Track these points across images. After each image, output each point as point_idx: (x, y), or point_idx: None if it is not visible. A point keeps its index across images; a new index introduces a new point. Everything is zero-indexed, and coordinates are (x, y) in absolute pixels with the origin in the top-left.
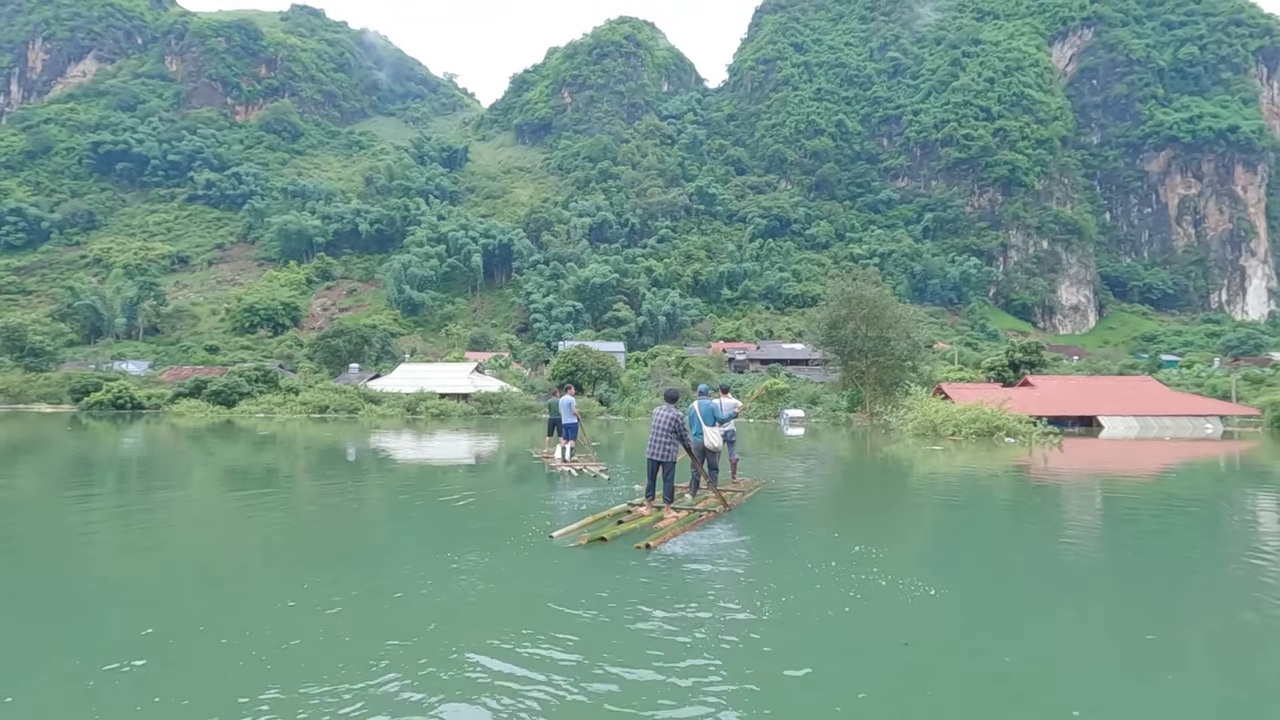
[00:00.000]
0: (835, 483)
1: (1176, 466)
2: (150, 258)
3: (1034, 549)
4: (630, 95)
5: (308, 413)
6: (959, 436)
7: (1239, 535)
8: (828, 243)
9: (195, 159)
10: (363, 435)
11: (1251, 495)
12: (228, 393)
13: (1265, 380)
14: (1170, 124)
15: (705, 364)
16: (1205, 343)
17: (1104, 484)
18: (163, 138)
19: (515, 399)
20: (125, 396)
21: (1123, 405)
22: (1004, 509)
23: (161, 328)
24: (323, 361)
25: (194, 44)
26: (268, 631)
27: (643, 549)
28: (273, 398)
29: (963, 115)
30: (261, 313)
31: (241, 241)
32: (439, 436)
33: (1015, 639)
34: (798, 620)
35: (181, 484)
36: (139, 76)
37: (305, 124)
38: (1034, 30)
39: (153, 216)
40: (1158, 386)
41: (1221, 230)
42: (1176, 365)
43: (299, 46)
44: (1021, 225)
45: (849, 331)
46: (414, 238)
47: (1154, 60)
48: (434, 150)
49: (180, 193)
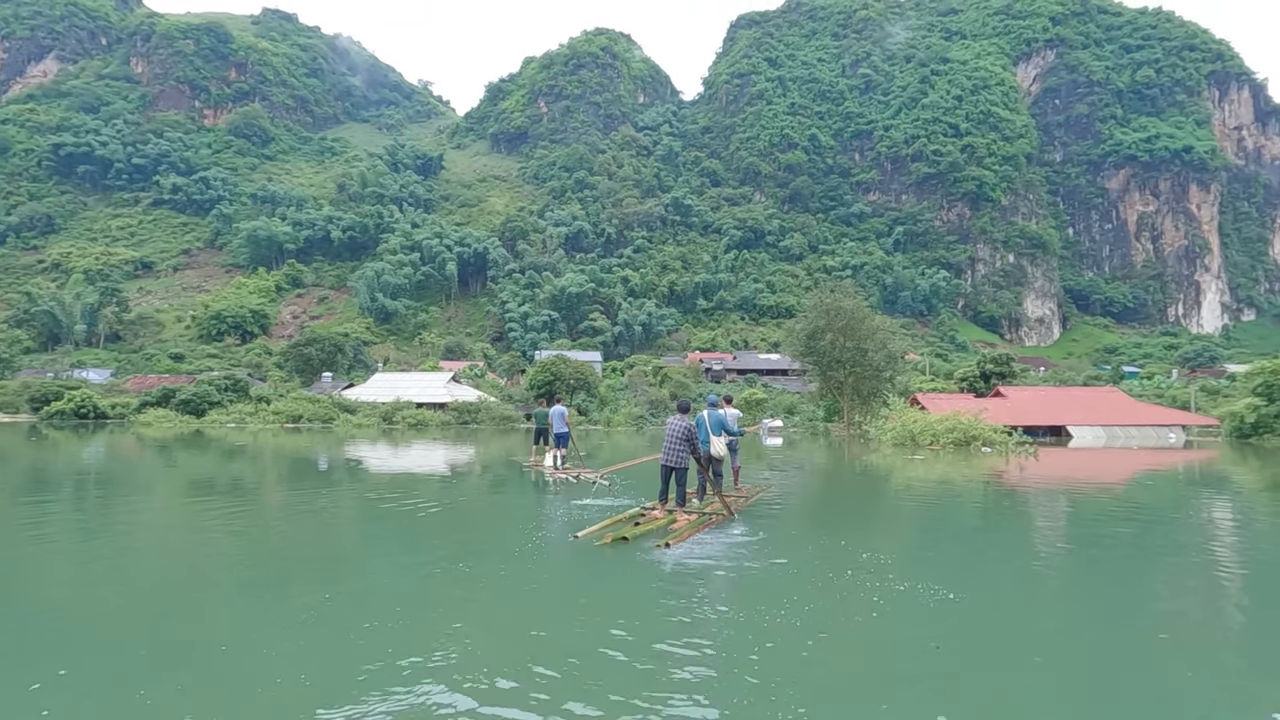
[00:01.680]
0: (828, 491)
1: (1152, 474)
2: (112, 263)
3: (1034, 554)
4: (606, 106)
5: (281, 423)
6: (937, 446)
7: (1224, 538)
8: (801, 254)
9: (161, 162)
10: (344, 446)
11: (1229, 501)
12: (197, 402)
13: (1221, 391)
14: (1129, 143)
15: (683, 374)
16: (1164, 355)
17: (1091, 491)
18: (127, 140)
19: (493, 409)
20: (88, 406)
21: (1090, 415)
22: (997, 516)
23: (124, 335)
24: (294, 370)
25: (161, 46)
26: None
27: (663, 547)
28: (244, 407)
29: (932, 131)
30: (229, 320)
31: (209, 247)
32: (421, 447)
33: (1038, 640)
34: (830, 626)
35: (162, 496)
36: (103, 78)
37: (276, 129)
38: (1000, 50)
39: (115, 221)
40: (1122, 397)
41: (1178, 246)
42: (1137, 376)
43: (270, 51)
44: (989, 239)
45: (827, 342)
46: (387, 245)
47: (1113, 82)
48: (408, 157)
49: (145, 197)
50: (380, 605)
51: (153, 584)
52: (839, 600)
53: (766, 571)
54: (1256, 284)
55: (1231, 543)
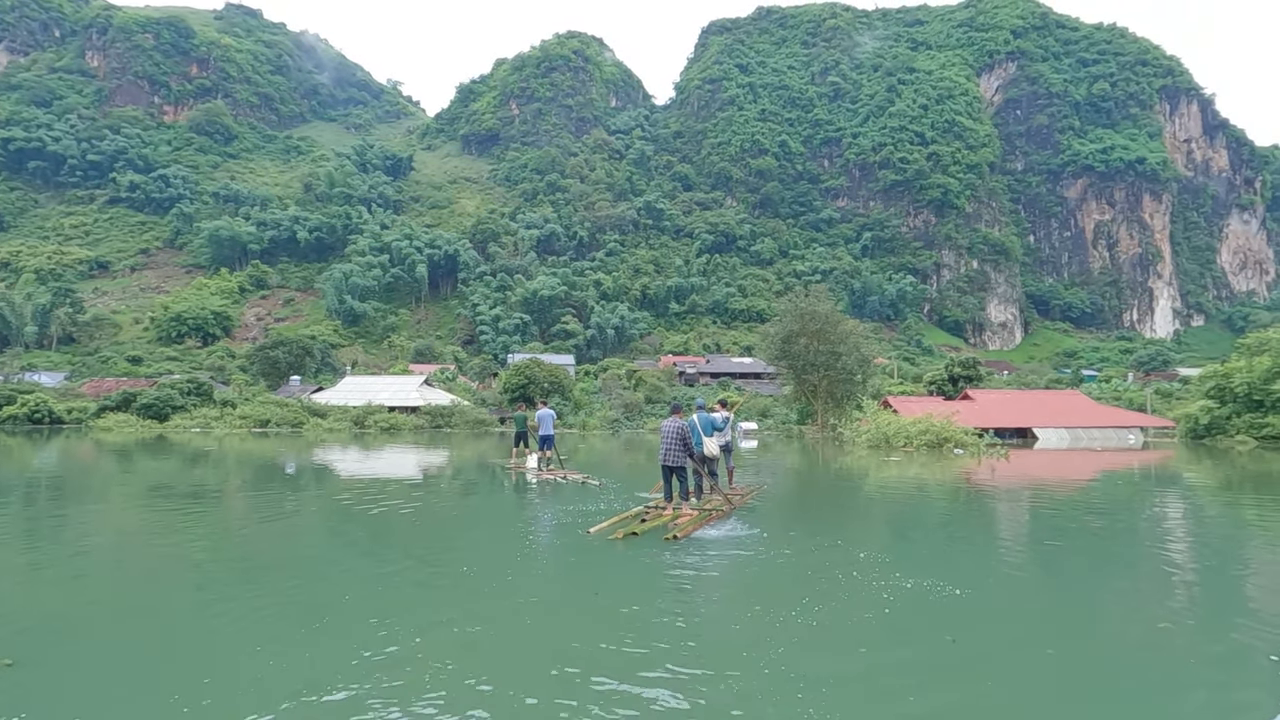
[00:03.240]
0: (817, 493)
1: (1119, 475)
2: (65, 262)
3: (1030, 551)
4: (578, 109)
5: (248, 427)
6: (911, 448)
7: (1204, 534)
8: (772, 259)
9: (118, 159)
10: (318, 451)
11: (1198, 499)
12: (159, 406)
13: (1175, 394)
14: (1086, 154)
15: (656, 377)
16: (1120, 359)
17: (1068, 491)
18: (82, 136)
19: (467, 412)
20: (43, 410)
21: (1054, 417)
22: (987, 516)
23: (78, 337)
24: (259, 374)
25: (118, 39)
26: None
27: (671, 540)
28: (209, 411)
29: (899, 139)
30: (190, 322)
31: (168, 247)
32: (399, 451)
33: (1048, 632)
34: (847, 623)
35: (119, 502)
36: (56, 71)
37: (239, 127)
38: (964, 61)
39: (69, 219)
40: (1084, 400)
41: (1132, 254)
42: (1095, 379)
43: (234, 47)
44: (953, 245)
45: (801, 346)
46: (356, 247)
47: (1071, 94)
48: (377, 158)
49: (101, 195)
50: (393, 611)
51: (115, 591)
52: (851, 598)
53: (779, 573)
54: (1205, 291)
55: (1215, 539)
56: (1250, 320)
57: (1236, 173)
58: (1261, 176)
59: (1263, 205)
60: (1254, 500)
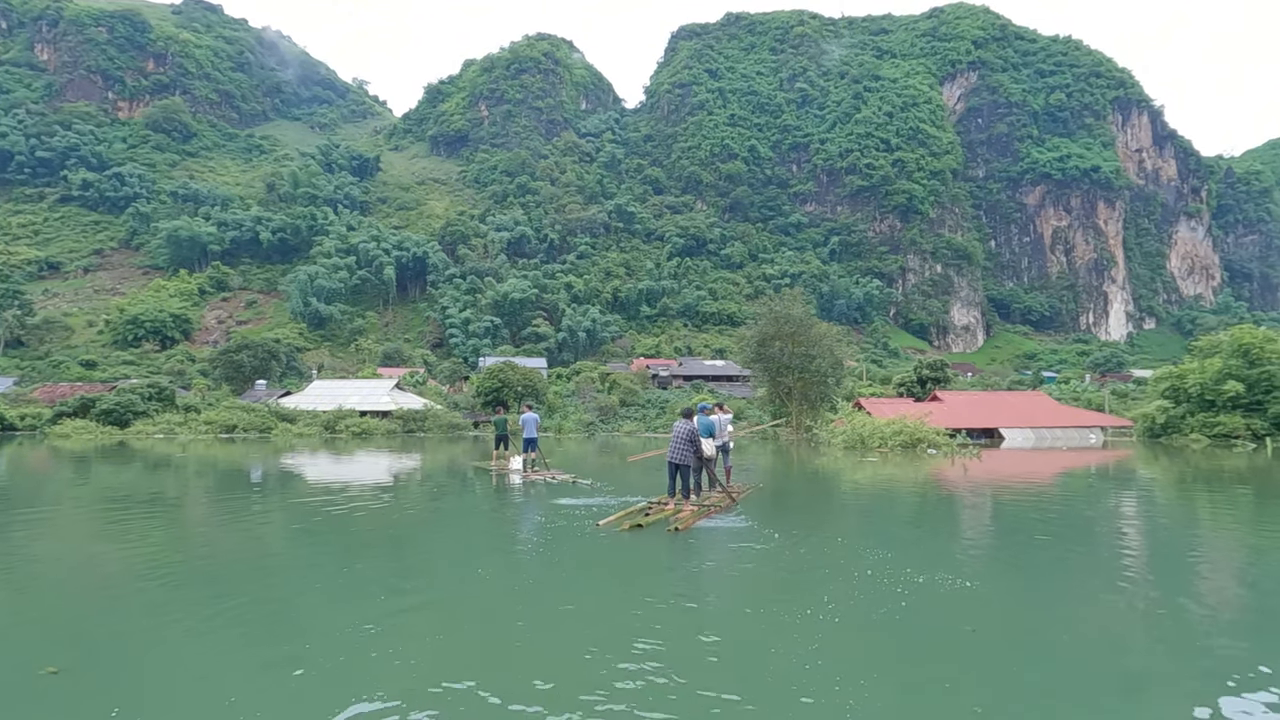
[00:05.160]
0: (805, 494)
1: (1088, 472)
2: (13, 263)
3: (1026, 543)
4: (549, 112)
5: (214, 433)
6: (886, 449)
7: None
8: (742, 263)
9: (70, 156)
10: (295, 456)
11: (1167, 497)
12: (120, 412)
13: (1130, 395)
14: (1044, 162)
15: (630, 380)
16: (1077, 360)
17: (1040, 488)
18: (30, 132)
19: (440, 416)
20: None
21: (1020, 418)
22: (976, 511)
23: (27, 340)
24: (223, 378)
25: (70, 32)
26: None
27: (672, 532)
28: (172, 417)
29: (865, 146)
30: (147, 325)
31: (124, 248)
32: (375, 456)
33: (1058, 620)
34: (868, 616)
35: (74, 510)
36: (3, 64)
37: (199, 124)
38: (927, 70)
39: (17, 218)
40: (1048, 400)
41: (1088, 259)
42: (1055, 381)
43: (192, 42)
44: (918, 250)
45: (777, 349)
46: (321, 248)
47: (1029, 104)
48: (343, 158)
49: (51, 193)
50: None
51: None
52: (867, 593)
53: (793, 573)
54: (1156, 295)
55: (1200, 531)
56: (1197, 324)
57: (1184, 182)
58: (1207, 186)
59: (1208, 213)
60: (1208, 495)
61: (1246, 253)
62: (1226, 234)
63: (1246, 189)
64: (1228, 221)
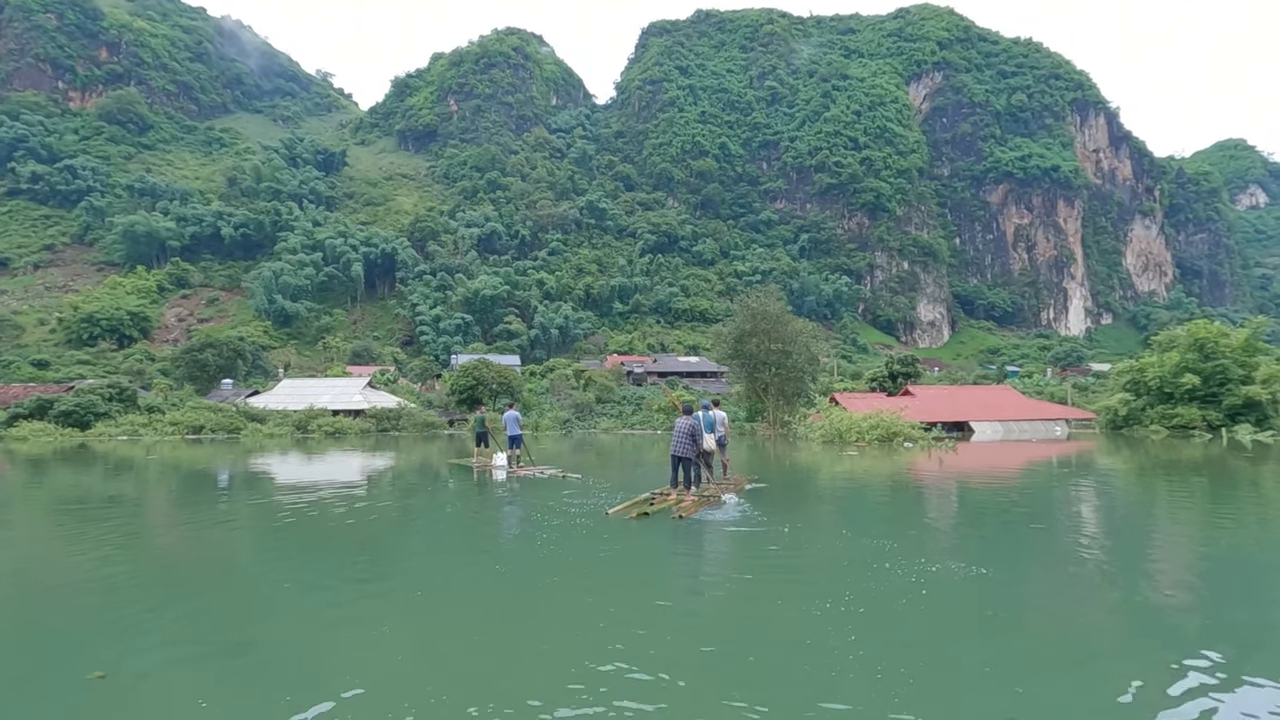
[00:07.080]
0: (798, 488)
1: (1061, 463)
2: None
3: (1023, 532)
4: (519, 107)
5: (181, 434)
6: (863, 443)
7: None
8: (713, 260)
9: (17, 148)
10: (273, 457)
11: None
12: (80, 413)
13: (1090, 388)
14: (1006, 161)
15: (605, 377)
16: (1039, 355)
17: (1018, 479)
18: None
19: (415, 415)
20: None
21: (989, 411)
22: (967, 502)
23: None
24: (186, 377)
25: (16, 18)
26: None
27: (677, 519)
28: (135, 418)
29: (834, 144)
30: (103, 323)
31: (77, 243)
32: (354, 456)
33: (1076, 604)
34: (893, 605)
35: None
36: None
37: (155, 116)
38: (894, 70)
39: None
40: (1014, 394)
41: (1048, 256)
42: (1018, 375)
43: (148, 31)
44: (885, 247)
45: (754, 346)
46: (286, 244)
47: (992, 104)
48: (308, 152)
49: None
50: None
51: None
52: (885, 584)
53: (815, 567)
54: (1113, 291)
55: (1189, 519)
56: (1151, 319)
57: (1139, 181)
58: (1160, 185)
59: (1161, 212)
60: (1179, 483)
61: (1196, 250)
62: (1178, 232)
63: (1196, 189)
64: (1179, 220)
